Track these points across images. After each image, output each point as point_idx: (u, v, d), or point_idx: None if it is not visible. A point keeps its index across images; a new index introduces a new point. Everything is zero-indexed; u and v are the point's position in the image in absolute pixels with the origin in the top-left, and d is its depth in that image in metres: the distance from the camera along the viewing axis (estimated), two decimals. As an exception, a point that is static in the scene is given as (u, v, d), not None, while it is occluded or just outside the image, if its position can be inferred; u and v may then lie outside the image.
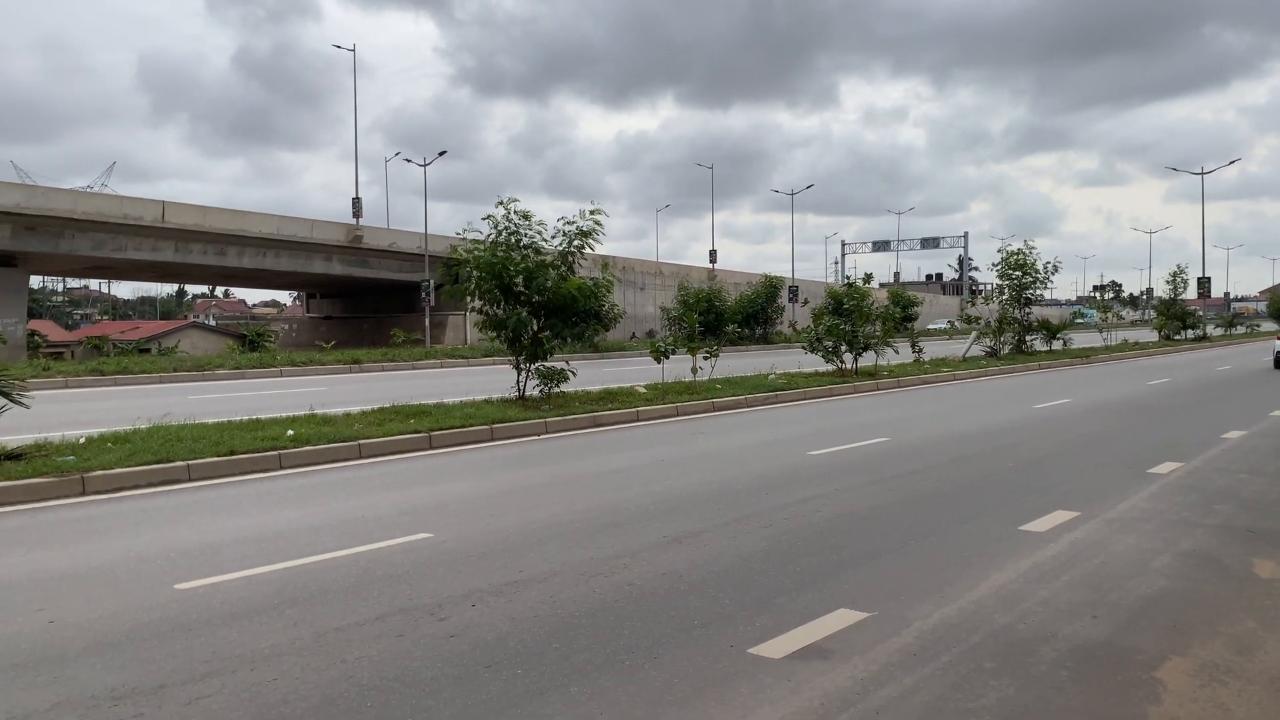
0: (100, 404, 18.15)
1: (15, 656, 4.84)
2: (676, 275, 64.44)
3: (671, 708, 4.23)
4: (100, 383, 23.62)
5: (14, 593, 5.96)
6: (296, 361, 29.71)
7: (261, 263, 46.57)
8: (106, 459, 9.86)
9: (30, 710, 4.18)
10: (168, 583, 6.15)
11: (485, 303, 16.92)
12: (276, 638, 5.12)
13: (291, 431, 11.78)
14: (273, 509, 8.68)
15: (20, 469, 9.31)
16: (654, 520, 7.98)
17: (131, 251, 41.90)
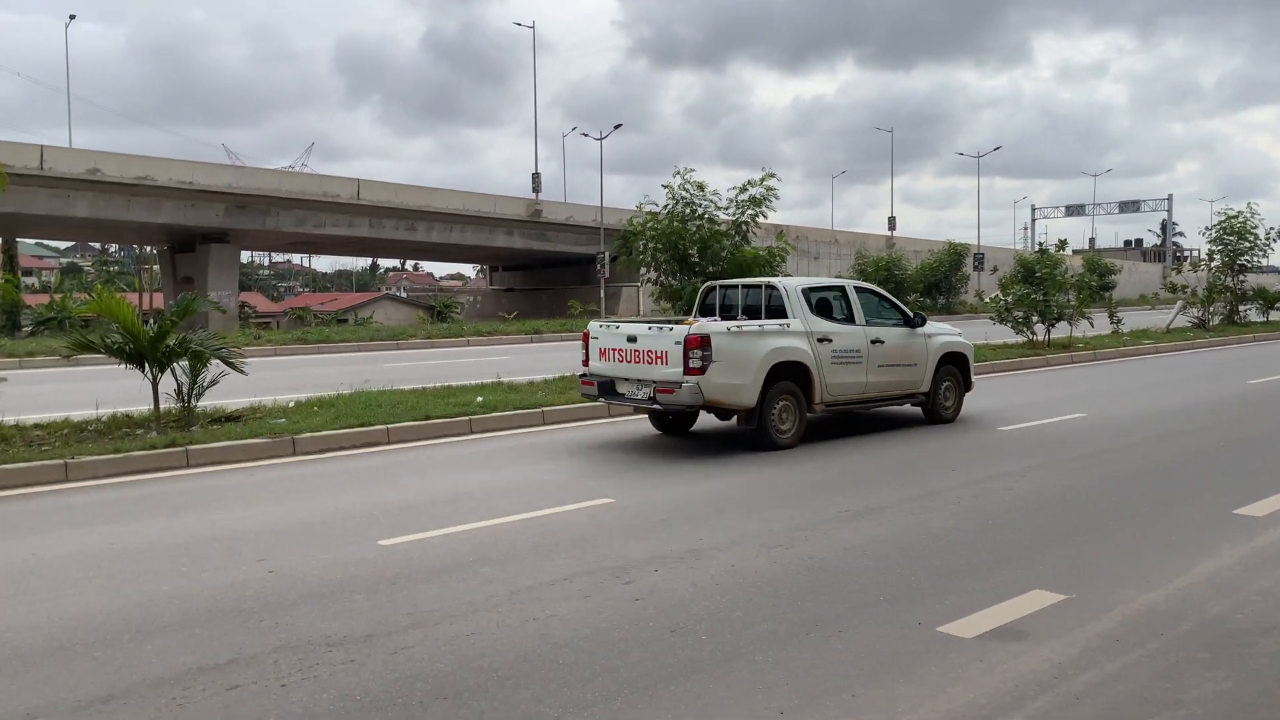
0: (305, 370, 19.45)
1: (242, 603, 5.27)
2: (852, 243, 63.01)
3: (859, 682, 4.18)
4: (304, 350, 25.31)
5: (238, 543, 6.48)
6: (482, 331, 30.91)
7: (448, 237, 48.56)
8: (314, 422, 10.57)
9: (257, 652, 4.55)
10: (372, 539, 6.54)
11: (660, 273, 17.07)
12: (472, 594, 5.37)
13: (481, 398, 12.28)
14: (465, 471, 9.09)
15: (239, 430, 10.11)
16: (835, 493, 7.87)
17: (330, 227, 44.53)
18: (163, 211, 38.99)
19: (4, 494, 8.08)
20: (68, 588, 5.53)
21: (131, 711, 3.91)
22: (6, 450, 8.95)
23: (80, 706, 3.95)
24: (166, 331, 10.54)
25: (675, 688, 4.12)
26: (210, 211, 40.25)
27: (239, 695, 4.06)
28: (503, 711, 3.90)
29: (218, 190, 39.91)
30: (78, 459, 8.72)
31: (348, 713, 3.90)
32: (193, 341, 10.68)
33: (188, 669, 4.34)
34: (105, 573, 5.83)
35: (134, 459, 8.97)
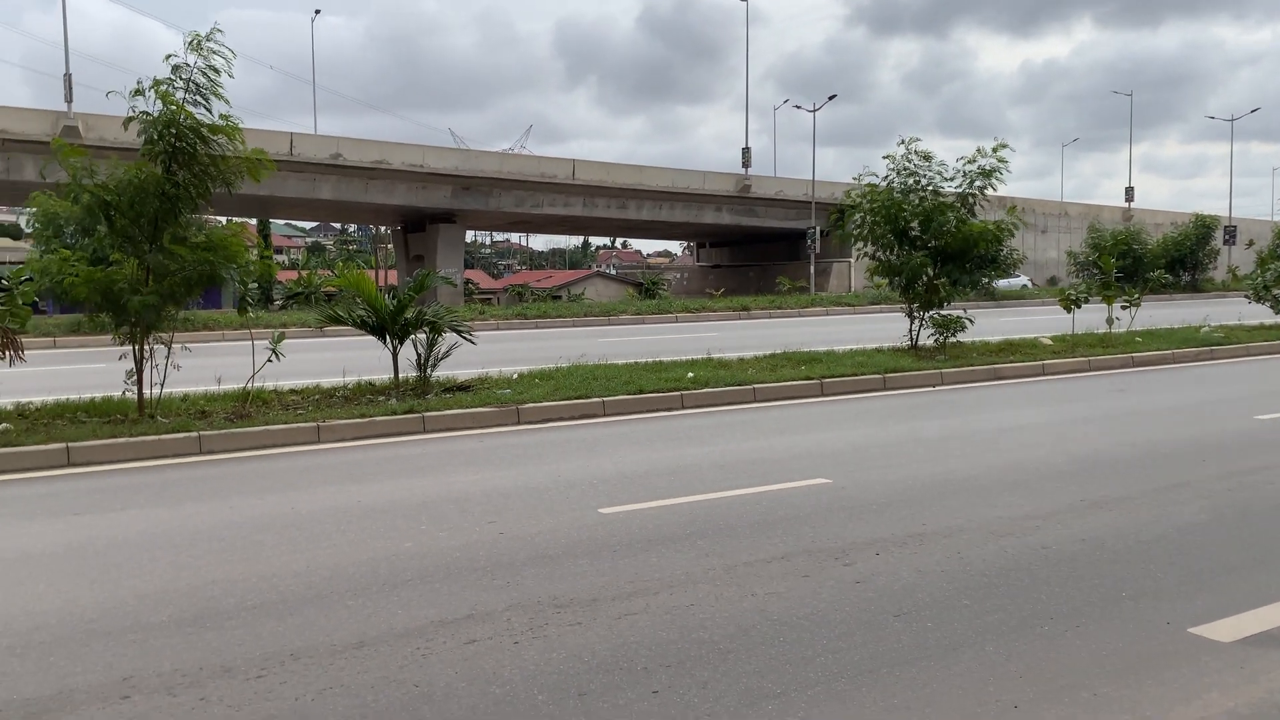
0: (524, 344, 20.29)
1: (475, 562, 5.57)
2: (1084, 216, 59.05)
3: (1103, 680, 3.93)
4: (523, 325, 26.41)
5: (470, 505, 6.85)
6: (690, 308, 31.19)
7: (657, 214, 49.22)
8: (536, 393, 11.01)
9: (491, 609, 4.79)
10: (592, 506, 6.75)
11: (877, 247, 16.60)
12: (690, 566, 5.44)
13: (691, 374, 12.41)
14: (678, 445, 9.21)
15: (469, 399, 10.67)
16: (1068, 482, 7.43)
17: (547, 207, 46.14)
18: (396, 193, 41.61)
19: (267, 452, 8.89)
20: (323, 540, 6.03)
21: (381, 658, 4.21)
22: (268, 413, 9.85)
23: (337, 651, 4.30)
24: (405, 305, 11.26)
25: (900, 673, 4.02)
26: (439, 193, 42.59)
27: (476, 649, 4.30)
28: (724, 683, 3.93)
29: (445, 173, 42.15)
30: (328, 422, 9.48)
31: (576, 673, 4.04)
32: (428, 314, 11.36)
33: (429, 621, 4.63)
34: (354, 527, 6.31)
35: (377, 424, 9.66)
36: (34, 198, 10.46)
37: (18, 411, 9.61)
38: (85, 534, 6.17)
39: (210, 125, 9.69)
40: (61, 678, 4.02)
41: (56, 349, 19.59)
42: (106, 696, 3.84)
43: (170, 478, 7.90)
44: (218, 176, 9.85)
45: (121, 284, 9.28)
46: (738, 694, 3.85)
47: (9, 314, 10.04)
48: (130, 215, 9.37)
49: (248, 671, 4.07)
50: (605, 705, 3.76)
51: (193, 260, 9.64)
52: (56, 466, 8.19)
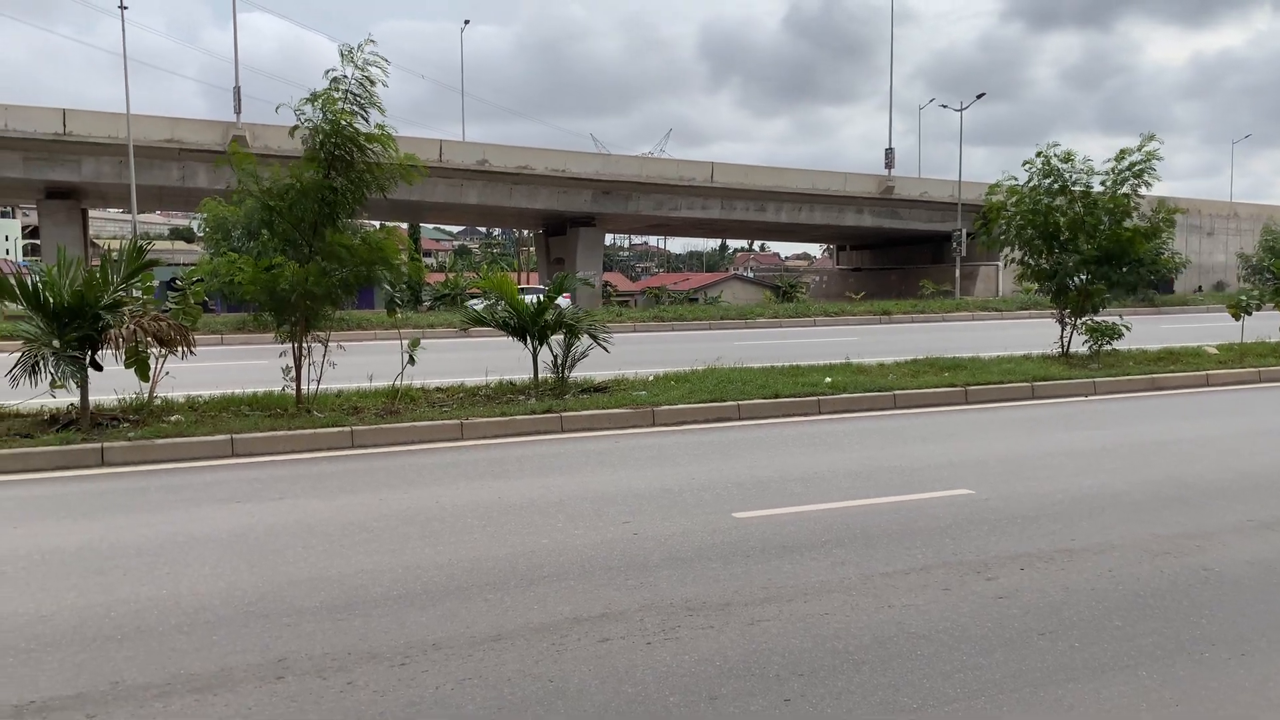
0: (661, 346, 20.41)
1: (610, 561, 5.64)
2: (1257, 217, 55.25)
3: (1269, 713, 3.68)
4: (660, 328, 26.57)
5: (606, 505, 6.94)
6: (829, 311, 30.74)
7: (796, 217, 48.69)
8: (671, 395, 11.06)
9: (625, 609, 4.85)
10: (726, 510, 6.73)
11: (1025, 252, 15.98)
12: (825, 574, 5.36)
13: (829, 379, 12.22)
14: (814, 451, 9.09)
15: (606, 400, 10.81)
16: (1234, 500, 6.97)
17: (685, 210, 46.28)
18: (539, 198, 42.55)
19: (413, 448, 9.24)
20: (464, 534, 6.22)
21: (517, 652, 4.32)
22: (416, 410, 10.23)
23: (476, 642, 4.43)
24: (545, 308, 11.51)
25: (1045, 694, 3.87)
26: (580, 197, 43.33)
27: (609, 648, 4.35)
28: (859, 695, 3.87)
29: (586, 177, 42.84)
30: (471, 420, 9.78)
31: (708, 676, 4.05)
32: (567, 317, 11.57)
33: (564, 618, 4.72)
34: (494, 523, 6.48)
35: (517, 422, 9.90)
36: (206, 203, 11.21)
37: (188, 404, 10.28)
38: (246, 521, 6.55)
39: (367, 134, 10.13)
40: (222, 656, 4.28)
41: (224, 345, 20.84)
42: (263, 676, 4.07)
43: (325, 470, 8.30)
44: (373, 182, 10.30)
45: (284, 285, 9.82)
46: (872, 706, 3.78)
47: (182, 312, 10.77)
48: (291, 219, 9.90)
49: (392, 659, 4.24)
50: (737, 710, 3.75)
51: (350, 262, 10.11)
52: (222, 456, 8.73)
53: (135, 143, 32.79)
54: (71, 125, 34.16)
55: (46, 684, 3.99)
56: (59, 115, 34.27)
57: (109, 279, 9.45)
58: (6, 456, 8.20)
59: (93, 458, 8.40)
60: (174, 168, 36.08)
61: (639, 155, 56.84)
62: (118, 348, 9.32)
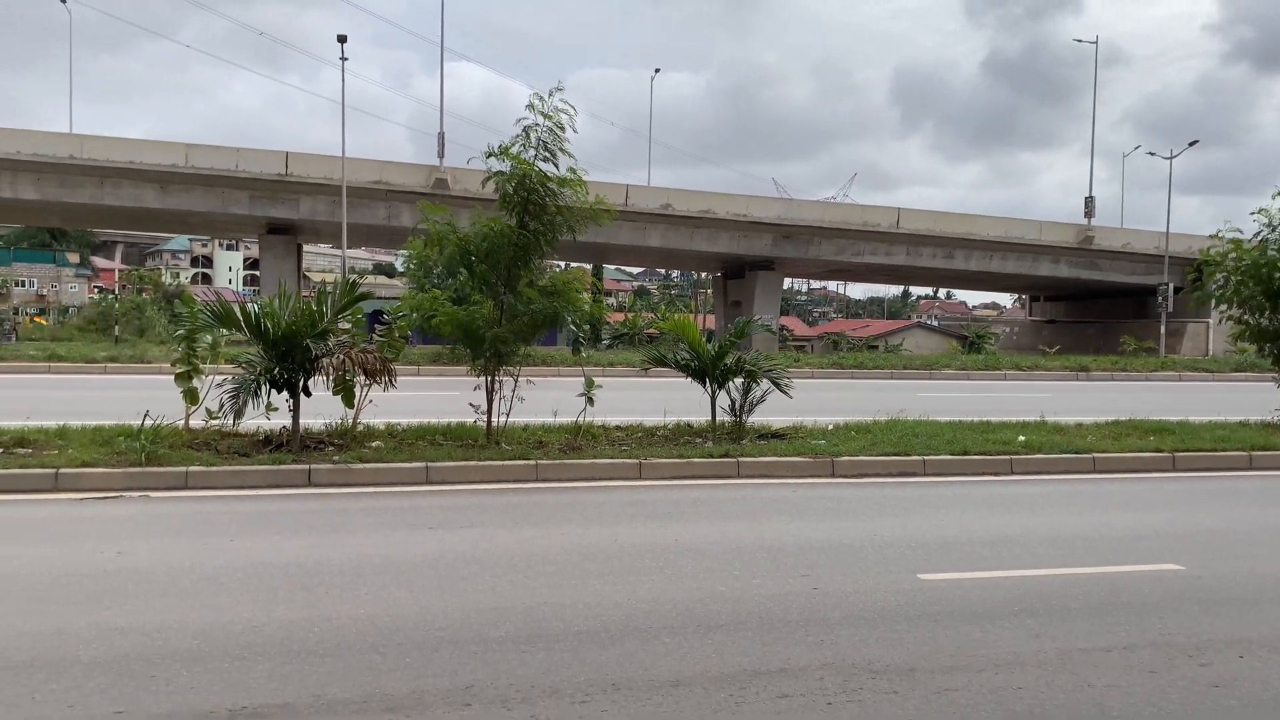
0: (840, 394, 20.06)
1: (788, 614, 5.55)
2: None
3: None
4: (839, 375, 26.12)
5: (783, 556, 6.84)
6: (1020, 365, 29.38)
7: (987, 265, 47.02)
8: (851, 446, 10.83)
9: (804, 665, 4.75)
10: (910, 570, 6.50)
11: (1244, 309, 14.84)
12: (1018, 645, 5.09)
13: (1022, 437, 11.66)
14: (1005, 513, 8.68)
15: (784, 447, 10.71)
16: None
17: (868, 255, 45.54)
18: (720, 241, 42.90)
19: (594, 484, 9.42)
20: (642, 574, 6.27)
21: (695, 700, 4.30)
22: (596, 447, 10.44)
23: (655, 687, 4.44)
24: (726, 351, 11.54)
25: (1272, 801, 3.52)
26: (760, 241, 43.40)
27: (788, 705, 4.27)
28: (1057, 780, 3.63)
29: (767, 221, 42.91)
30: (650, 460, 9.89)
31: (892, 744, 3.91)
32: (746, 361, 11.56)
33: (742, 670, 4.67)
34: (671, 565, 6.51)
35: (694, 465, 9.94)
36: (410, 242, 11.85)
37: (388, 431, 10.86)
38: (438, 548, 6.84)
39: (558, 179, 10.52)
40: (415, 678, 4.46)
41: (419, 376, 21.93)
42: (451, 702, 4.22)
43: (511, 501, 8.58)
44: (564, 225, 10.67)
45: (479, 322, 10.28)
46: (1072, 795, 3.54)
47: (387, 344, 11.42)
48: (488, 262, 10.37)
49: (573, 695, 4.31)
50: (922, 783, 3.60)
51: (540, 303, 10.48)
52: (417, 483, 9.16)
53: (348, 184, 35.22)
54: (293, 167, 37.10)
55: (257, 691, 4.28)
56: (282, 158, 37.29)
57: (323, 311, 10.15)
58: (226, 473, 8.89)
59: (301, 478, 9.00)
60: (381, 207, 38.51)
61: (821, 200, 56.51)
62: (327, 376, 9.99)
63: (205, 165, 36.24)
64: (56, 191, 35.69)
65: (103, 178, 35.87)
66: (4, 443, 9.50)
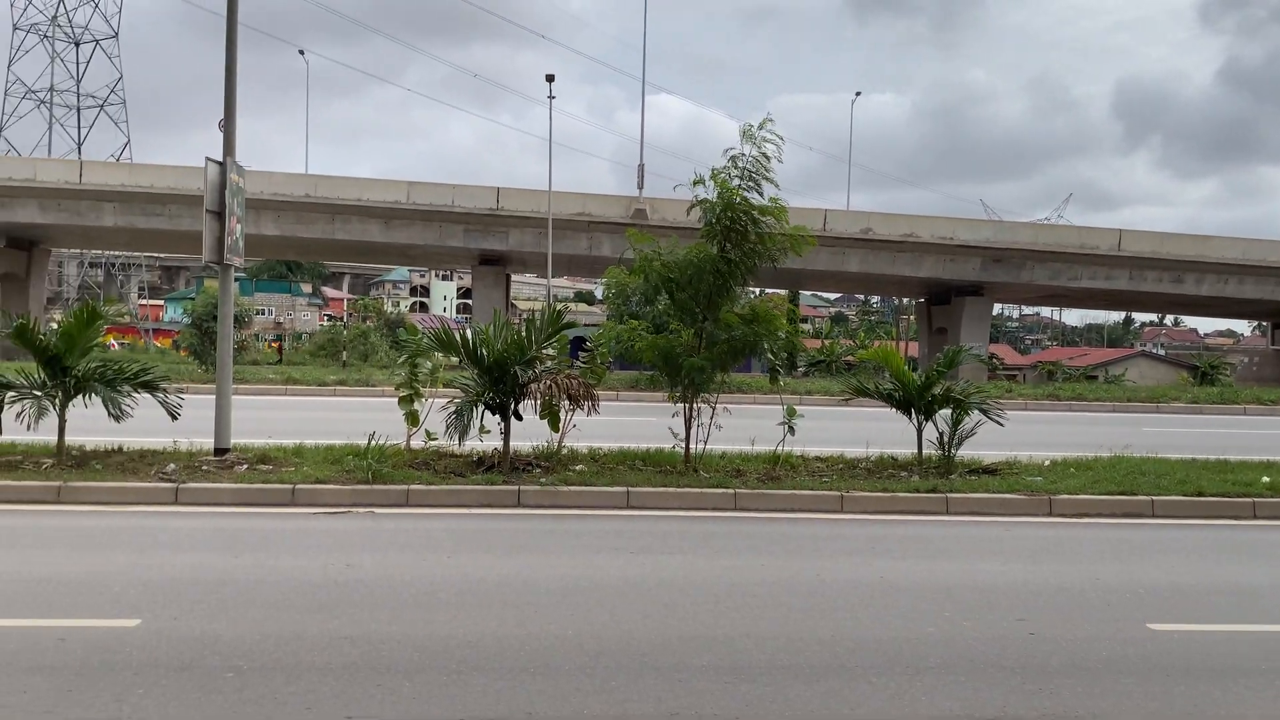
0: (1056, 428, 18.97)
1: (1003, 659, 5.27)
2: None
3: None
4: (1055, 407, 24.69)
5: (996, 597, 6.52)
6: (1262, 399, 26.79)
7: (1221, 290, 43.34)
8: (1070, 484, 10.21)
9: (1021, 714, 4.50)
10: (1139, 619, 6.05)
11: None
12: (1267, 708, 4.64)
13: (1267, 478, 10.62)
14: (1247, 562, 7.94)
15: (996, 483, 10.23)
16: None
17: (1085, 280, 42.92)
18: (923, 266, 41.60)
19: (793, 516, 9.29)
20: (845, 611, 6.12)
21: (904, 743, 4.16)
22: (795, 477, 10.31)
23: (861, 725, 4.32)
24: (933, 381, 11.15)
25: None
26: (967, 265, 41.77)
27: (1005, 756, 4.05)
28: None
29: (975, 245, 41.25)
30: (851, 493, 9.67)
31: (1123, 808, 3.63)
32: (955, 391, 11.13)
33: (954, 714, 4.48)
34: (876, 603, 6.32)
35: (899, 499, 9.64)
36: (610, 271, 12.12)
37: (590, 455, 11.14)
38: (640, 572, 6.94)
39: (760, 207, 10.54)
40: (621, 702, 4.54)
41: (618, 401, 22.43)
42: (656, 727, 4.26)
43: (709, 529, 8.60)
44: (764, 253, 10.66)
45: (679, 349, 10.40)
46: None
47: (589, 371, 11.75)
48: (689, 290, 10.49)
49: (777, 730, 4.25)
50: None
51: (740, 330, 10.50)
52: (618, 507, 9.34)
53: (553, 216, 36.60)
54: (503, 202, 38.92)
55: (473, 705, 4.46)
56: (494, 193, 39.20)
57: (531, 338, 10.56)
58: (443, 492, 9.38)
59: (510, 499, 9.36)
60: (583, 238, 39.77)
61: (1034, 221, 53.89)
62: (535, 400, 10.38)
63: (424, 201, 38.58)
64: (293, 227, 38.92)
65: (333, 214, 38.85)
66: (249, 459, 10.40)
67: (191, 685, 4.57)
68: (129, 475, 9.53)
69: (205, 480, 9.41)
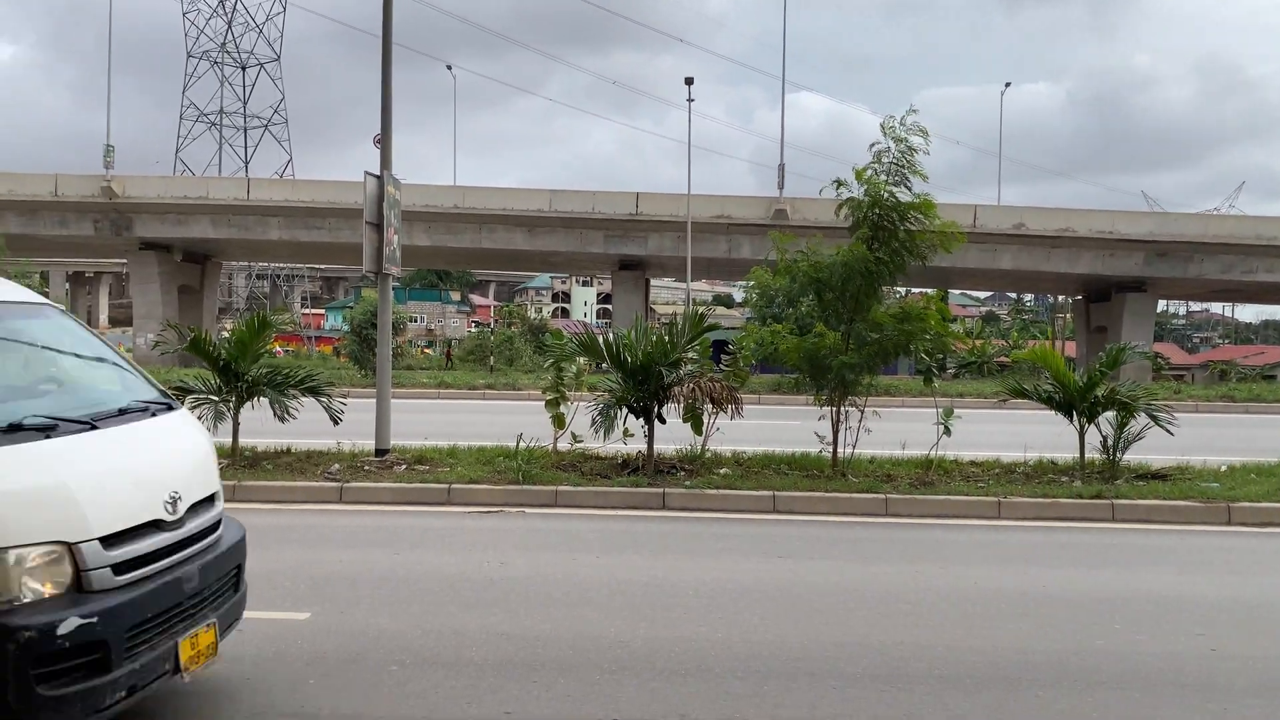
0: (1231, 431, 17.79)
1: (1181, 678, 4.96)
2: None
3: None
4: (1230, 409, 23.14)
5: (1171, 610, 6.14)
6: None
7: None
8: (1252, 490, 9.54)
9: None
10: (1336, 638, 5.58)
11: None
12: None
13: None
14: None
15: (1166, 489, 9.65)
16: None
17: (1262, 274, 40.03)
18: (1080, 262, 39.67)
19: (947, 522, 8.99)
20: (1004, 621, 5.89)
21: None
22: (949, 483, 9.99)
23: (1028, 741, 4.14)
24: (1096, 382, 10.60)
25: None
26: (1128, 260, 39.61)
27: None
28: None
29: (1137, 238, 39.07)
30: (1009, 499, 9.29)
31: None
32: (1120, 392, 10.55)
33: (1130, 734, 4.23)
34: (1037, 612, 6.05)
35: (1060, 505, 9.20)
36: (753, 273, 12.03)
37: (734, 458, 11.09)
38: (789, 577, 6.85)
39: (909, 203, 10.26)
40: (773, 707, 4.48)
41: (760, 405, 22.27)
42: (811, 734, 4.18)
43: (859, 535, 8.42)
44: (913, 251, 10.37)
45: (825, 351, 10.23)
46: None
47: (732, 374, 11.70)
48: (838, 290, 10.30)
49: (938, 742, 4.12)
50: None
51: (891, 330, 10.25)
52: (764, 511, 9.25)
53: (691, 219, 36.66)
54: (642, 206, 39.24)
55: (626, 705, 4.50)
56: (633, 198, 39.58)
57: (674, 342, 10.59)
58: (590, 493, 9.51)
59: (655, 501, 9.41)
60: (722, 240, 39.67)
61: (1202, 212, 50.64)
62: (678, 403, 10.41)
63: (566, 209, 39.29)
64: (443, 237, 40.30)
65: (480, 224, 40.03)
66: (407, 460, 10.81)
67: (359, 678, 4.77)
68: (297, 475, 10.06)
69: (367, 480, 9.83)
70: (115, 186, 38.01)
